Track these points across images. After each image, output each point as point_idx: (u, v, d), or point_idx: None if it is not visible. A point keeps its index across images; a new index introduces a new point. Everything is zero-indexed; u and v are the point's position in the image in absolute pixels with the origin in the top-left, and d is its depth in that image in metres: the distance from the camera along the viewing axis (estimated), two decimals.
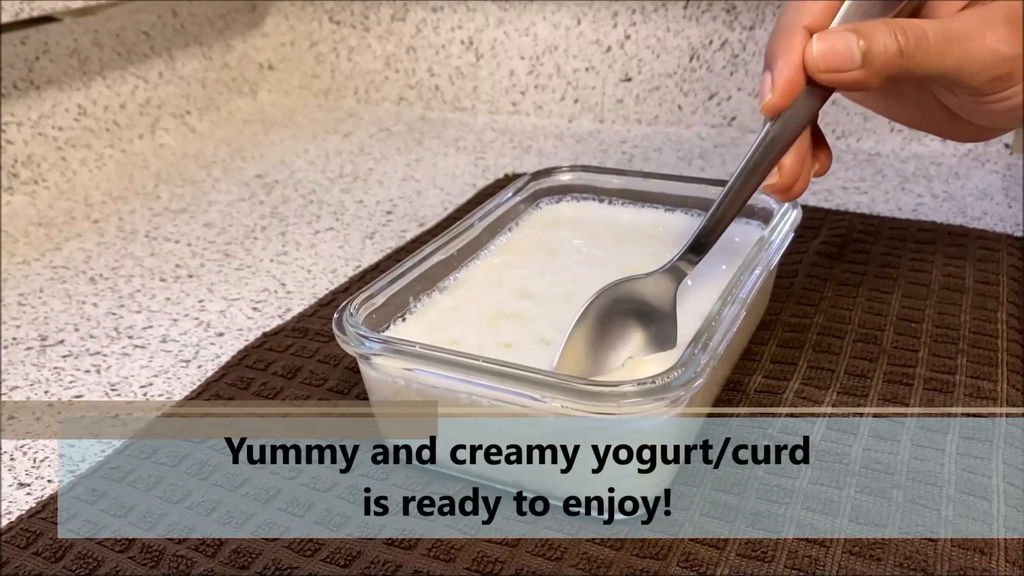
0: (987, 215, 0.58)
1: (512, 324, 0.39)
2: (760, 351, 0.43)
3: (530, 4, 0.80)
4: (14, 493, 0.37)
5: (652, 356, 0.36)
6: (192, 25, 0.83)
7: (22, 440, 0.41)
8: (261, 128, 0.84)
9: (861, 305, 0.46)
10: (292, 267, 0.56)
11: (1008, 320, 0.45)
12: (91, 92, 0.74)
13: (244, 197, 0.68)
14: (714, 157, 0.71)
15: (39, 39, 0.69)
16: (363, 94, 0.90)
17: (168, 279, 0.55)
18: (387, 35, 0.86)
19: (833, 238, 0.54)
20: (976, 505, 0.33)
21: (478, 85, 0.85)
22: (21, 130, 0.68)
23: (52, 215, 0.65)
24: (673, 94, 0.78)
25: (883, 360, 0.42)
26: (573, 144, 0.76)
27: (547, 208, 0.49)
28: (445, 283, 0.42)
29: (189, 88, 0.83)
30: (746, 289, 0.36)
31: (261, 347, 0.46)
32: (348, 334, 0.34)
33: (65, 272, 0.57)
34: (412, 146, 0.78)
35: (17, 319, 0.51)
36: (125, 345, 0.48)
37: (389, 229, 0.61)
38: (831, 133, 0.74)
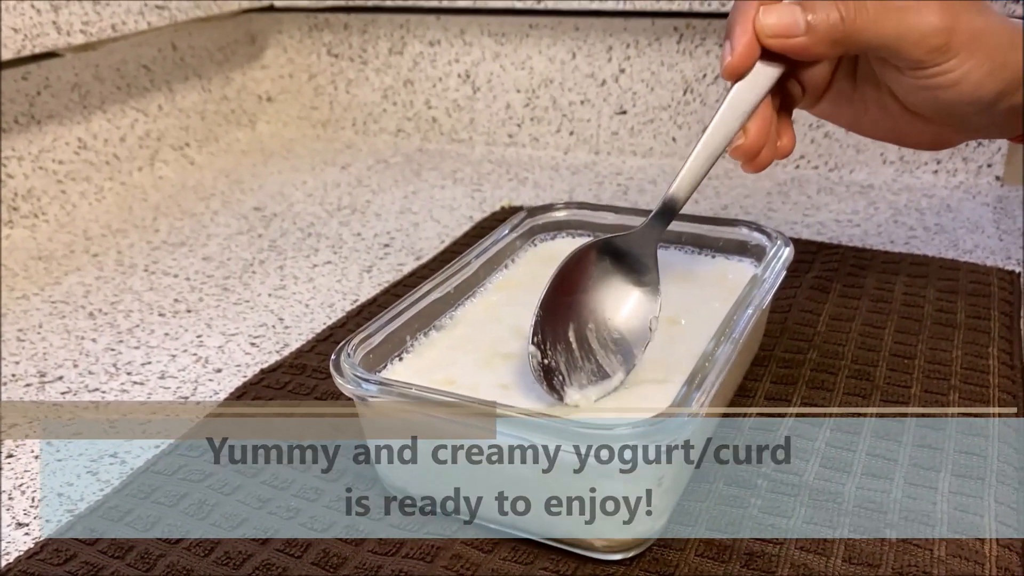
0: (978, 248, 0.59)
1: (509, 364, 0.39)
2: (755, 388, 0.43)
3: (526, 38, 0.81)
4: (12, 533, 0.37)
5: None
6: (192, 58, 0.84)
7: (20, 479, 0.41)
8: (260, 159, 0.85)
9: (854, 340, 0.47)
10: (290, 301, 0.57)
11: (1000, 355, 0.45)
12: (91, 126, 0.74)
13: (243, 230, 0.68)
14: (707, 189, 0.72)
15: (40, 74, 0.70)
16: (361, 126, 0.91)
17: (167, 314, 0.56)
18: (385, 68, 0.87)
19: (826, 272, 0.54)
20: (968, 545, 0.33)
21: (475, 117, 0.86)
22: (22, 164, 0.69)
23: (52, 248, 0.66)
24: (667, 127, 0.79)
25: (876, 396, 0.42)
26: (569, 176, 0.77)
27: (543, 245, 0.50)
28: (442, 321, 0.42)
29: (188, 120, 0.84)
30: (739, 328, 0.37)
31: (259, 384, 0.46)
32: (346, 375, 0.35)
33: (64, 307, 0.57)
34: (410, 178, 0.78)
35: (16, 355, 0.51)
36: (124, 382, 0.48)
37: (386, 262, 0.62)
38: (823, 165, 0.75)
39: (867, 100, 0.42)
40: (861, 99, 0.42)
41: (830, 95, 0.43)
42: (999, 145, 0.70)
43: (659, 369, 0.38)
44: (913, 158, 0.73)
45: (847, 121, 0.44)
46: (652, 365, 0.38)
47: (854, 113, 0.43)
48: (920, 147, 0.44)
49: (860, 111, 0.43)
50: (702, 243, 0.47)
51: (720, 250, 0.47)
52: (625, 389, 0.37)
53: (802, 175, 0.74)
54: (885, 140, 0.44)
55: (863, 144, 0.73)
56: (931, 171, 0.72)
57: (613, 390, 0.37)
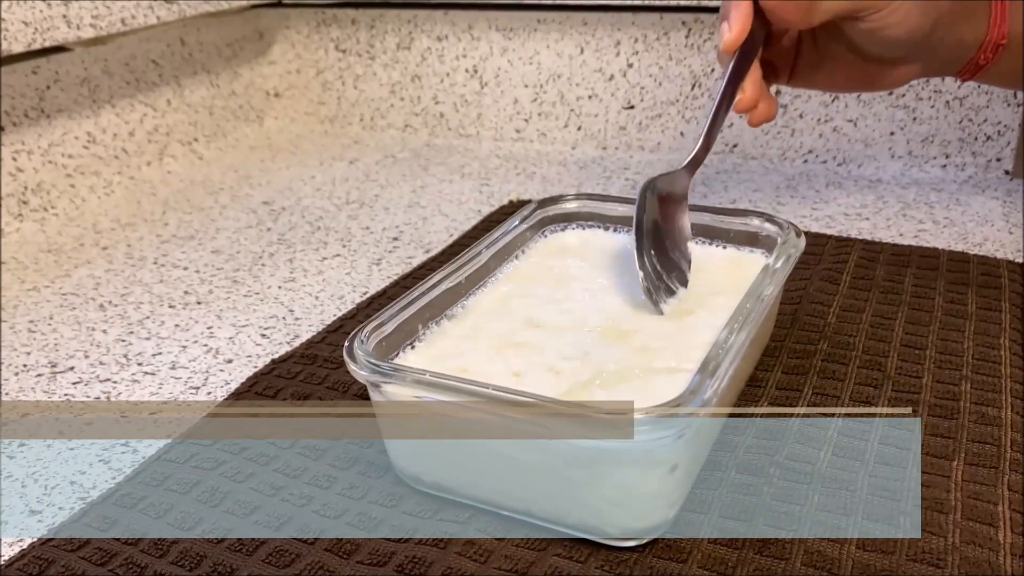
0: (988, 241, 0.59)
1: (521, 353, 0.39)
2: (765, 378, 0.43)
3: (534, 33, 0.81)
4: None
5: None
6: (200, 53, 0.84)
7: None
8: (268, 155, 0.85)
9: (865, 331, 0.47)
10: (300, 293, 0.57)
11: (1011, 346, 0.45)
12: (100, 120, 0.74)
13: (252, 224, 0.69)
14: (716, 183, 0.72)
15: (50, 68, 0.70)
16: (369, 121, 0.91)
17: (177, 306, 0.56)
18: (392, 63, 0.87)
19: (836, 264, 0.54)
20: (982, 532, 0.33)
21: (482, 112, 0.86)
22: (31, 158, 0.69)
23: (61, 242, 0.66)
24: (675, 121, 0.79)
25: (887, 387, 0.42)
26: (577, 171, 0.77)
27: (553, 236, 0.50)
28: (454, 311, 0.42)
29: (197, 115, 0.84)
30: (752, 317, 0.37)
31: (270, 374, 0.46)
32: (359, 361, 0.35)
33: (75, 299, 0.57)
34: (418, 172, 0.78)
35: (28, 346, 0.51)
36: (135, 372, 0.48)
37: (395, 255, 0.62)
38: (832, 160, 0.75)
39: (833, 60, 0.54)
40: (827, 61, 0.54)
41: (800, 68, 0.55)
42: (1008, 139, 0.70)
43: (672, 357, 0.38)
44: (922, 152, 0.73)
45: (824, 83, 0.56)
46: (665, 353, 0.38)
47: (826, 75, 0.55)
48: (890, 86, 0.55)
49: (830, 71, 0.55)
50: (713, 234, 0.47)
51: (731, 241, 0.47)
52: (638, 379, 0.37)
53: (810, 169, 0.74)
54: (860, 89, 0.57)
55: (871, 138, 0.73)
56: (940, 165, 0.72)
57: (678, 301, 0.43)
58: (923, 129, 0.72)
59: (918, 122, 0.72)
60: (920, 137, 0.72)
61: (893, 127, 0.73)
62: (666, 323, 0.41)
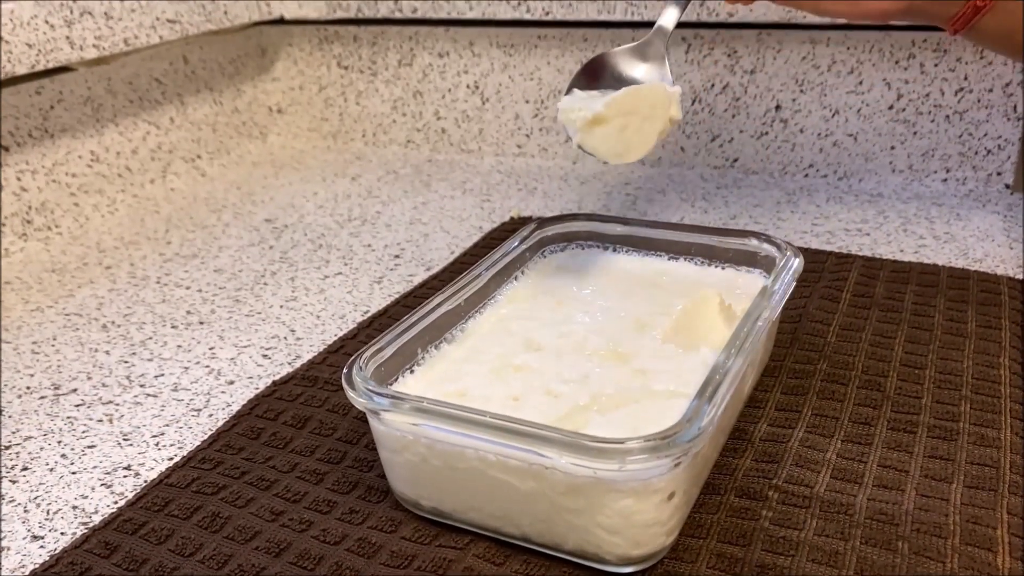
0: (988, 256, 0.59)
1: (520, 376, 0.39)
2: (765, 398, 0.43)
3: (535, 49, 0.81)
4: (28, 546, 0.38)
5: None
6: (203, 71, 0.85)
7: (36, 492, 0.41)
8: (271, 171, 0.85)
9: (864, 351, 0.47)
10: (301, 313, 0.57)
11: (1011, 365, 0.45)
12: (104, 139, 0.75)
13: (254, 242, 0.69)
14: (716, 199, 0.72)
15: (53, 88, 0.70)
16: (371, 137, 0.91)
17: (179, 326, 0.56)
18: (394, 80, 0.88)
19: (836, 282, 0.54)
20: (980, 557, 0.33)
21: (484, 128, 0.86)
22: (36, 178, 0.69)
23: (65, 261, 0.66)
24: (676, 136, 0.79)
25: (887, 407, 0.42)
26: (578, 186, 0.77)
27: (552, 256, 0.50)
28: (453, 333, 0.42)
29: (200, 132, 0.85)
30: (750, 340, 0.37)
31: (271, 396, 0.46)
32: (358, 389, 0.35)
33: (78, 319, 0.57)
34: (419, 188, 0.79)
35: (31, 367, 0.52)
36: (137, 394, 0.49)
37: (397, 273, 0.62)
38: (832, 174, 0.75)
39: None
40: None
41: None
42: (1008, 153, 0.70)
43: (671, 380, 0.38)
44: (922, 166, 0.73)
45: (810, 3, 0.55)
46: (663, 377, 0.38)
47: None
48: (872, 16, 0.54)
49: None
50: (712, 255, 0.48)
51: (730, 261, 0.47)
52: (635, 403, 0.37)
53: (811, 184, 0.74)
54: (844, 15, 0.54)
55: (872, 153, 0.73)
56: (940, 179, 0.72)
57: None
58: (923, 143, 0.72)
59: (918, 136, 0.72)
60: (920, 151, 0.72)
61: (893, 141, 0.73)
62: (665, 345, 0.41)
